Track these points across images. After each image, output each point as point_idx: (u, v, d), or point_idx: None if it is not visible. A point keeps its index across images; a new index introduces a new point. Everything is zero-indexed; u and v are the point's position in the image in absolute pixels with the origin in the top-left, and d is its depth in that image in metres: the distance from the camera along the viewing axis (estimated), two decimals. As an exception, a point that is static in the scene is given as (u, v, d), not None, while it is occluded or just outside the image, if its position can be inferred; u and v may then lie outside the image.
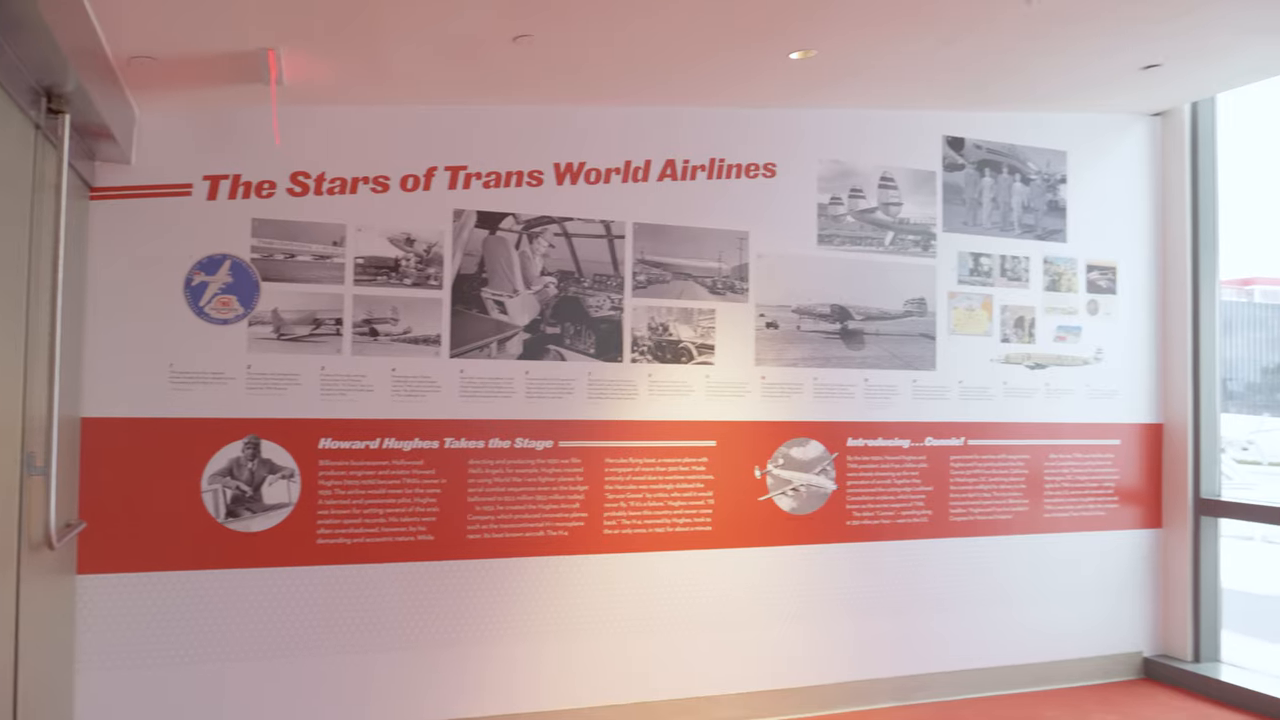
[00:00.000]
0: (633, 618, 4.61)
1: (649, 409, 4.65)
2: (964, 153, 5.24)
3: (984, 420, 5.21)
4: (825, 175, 4.98)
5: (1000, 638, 5.24)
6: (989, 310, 5.24)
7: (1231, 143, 5.67)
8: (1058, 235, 5.40)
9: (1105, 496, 5.46)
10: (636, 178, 4.66)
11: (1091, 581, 5.44)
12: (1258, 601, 11.43)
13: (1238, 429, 25.38)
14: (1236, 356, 27.12)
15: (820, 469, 4.91)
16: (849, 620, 4.97)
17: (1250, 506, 5.36)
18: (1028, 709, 4.99)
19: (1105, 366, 5.48)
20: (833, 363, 4.94)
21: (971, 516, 5.19)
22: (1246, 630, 10.29)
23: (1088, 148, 5.49)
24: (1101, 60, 4.62)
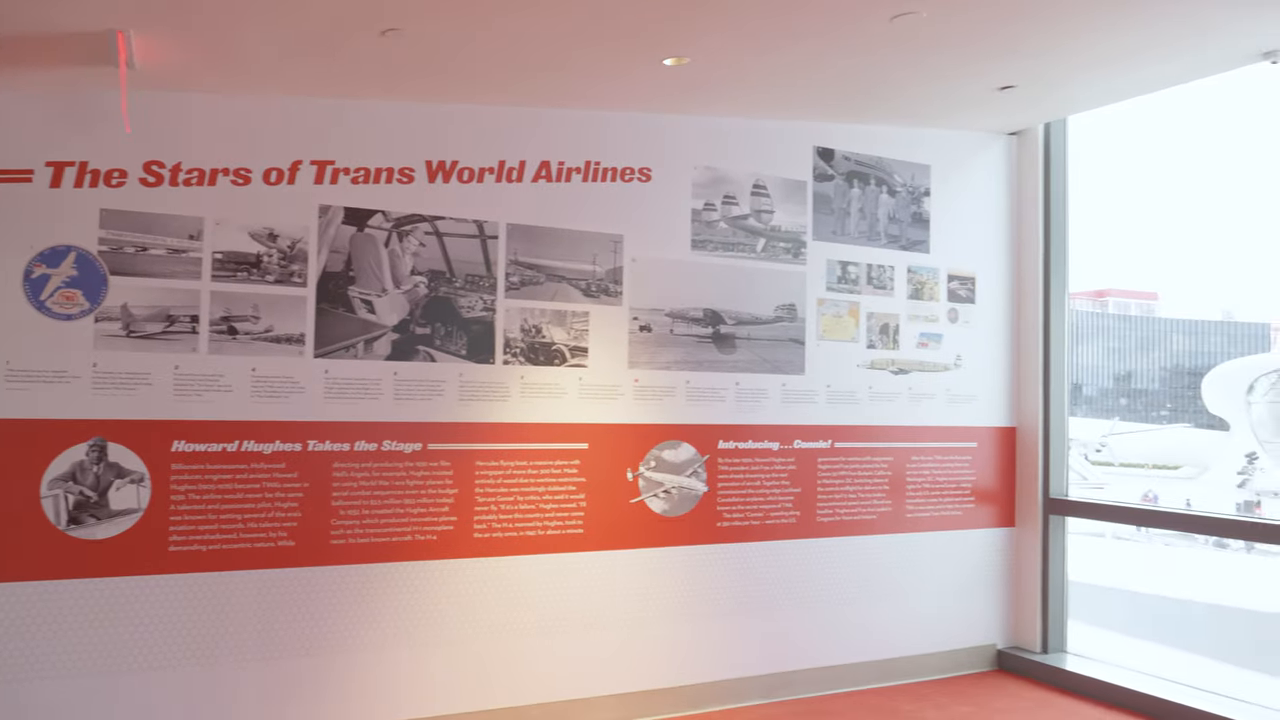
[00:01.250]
0: (503, 622, 4.57)
1: (521, 411, 4.62)
2: (834, 164, 5.39)
3: (850, 424, 5.38)
4: (699, 181, 5.05)
5: (864, 634, 5.41)
6: (856, 317, 5.41)
7: (1086, 163, 6.01)
8: (921, 246, 5.62)
9: (963, 497, 5.70)
10: (510, 178, 4.62)
11: (949, 578, 5.67)
12: (1106, 594, 12.14)
13: (1092, 432, 26.79)
14: (1091, 364, 28.75)
15: (692, 471, 4.97)
16: (719, 620, 5.04)
17: (1094, 505, 5.69)
18: (888, 702, 5.16)
19: (964, 372, 5.72)
20: (705, 366, 5.01)
21: (838, 517, 5.34)
22: (1096, 621, 10.90)
23: (950, 163, 5.73)
24: (961, 80, 4.83)
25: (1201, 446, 23.63)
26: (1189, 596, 11.97)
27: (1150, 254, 22.62)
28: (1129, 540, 15.58)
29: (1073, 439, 22.46)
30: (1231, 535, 5.36)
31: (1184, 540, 14.63)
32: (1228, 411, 22.37)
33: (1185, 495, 19.43)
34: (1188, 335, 27.55)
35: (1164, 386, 26.56)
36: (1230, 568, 13.78)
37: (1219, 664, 9.64)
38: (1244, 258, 21.37)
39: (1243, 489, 20.61)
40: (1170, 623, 10.99)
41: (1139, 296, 28.36)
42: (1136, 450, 24.31)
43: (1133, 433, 24.48)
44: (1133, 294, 28.34)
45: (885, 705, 5.12)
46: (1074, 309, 22.74)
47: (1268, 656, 9.60)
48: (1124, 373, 27.71)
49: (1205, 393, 23.18)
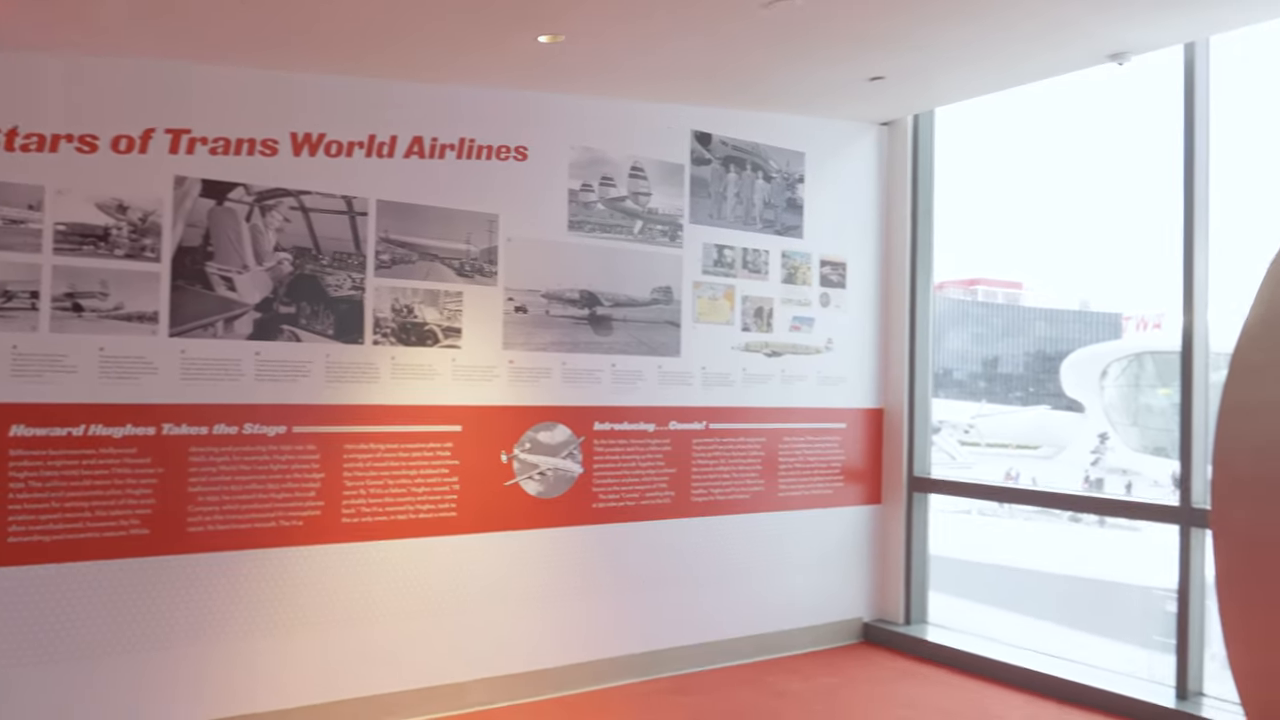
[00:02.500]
0: (373, 608, 4.47)
1: (392, 393, 4.51)
2: (711, 148, 5.44)
3: (725, 405, 5.46)
4: (577, 162, 5.02)
5: (736, 611, 5.53)
6: (731, 300, 5.49)
7: (956, 155, 6.23)
8: (795, 231, 5.73)
9: (832, 476, 5.88)
10: (381, 153, 4.49)
11: (819, 555, 5.84)
12: (971, 568, 12.72)
13: (961, 414, 27.95)
14: (962, 349, 29.91)
15: (567, 453, 4.97)
16: (594, 600, 5.06)
17: (954, 483, 5.95)
18: (759, 675, 5.29)
19: (835, 355, 5.88)
20: (581, 348, 5.00)
21: (712, 497, 5.43)
22: (961, 593, 11.42)
23: (824, 151, 5.86)
24: (833, 70, 4.93)
25: (1059, 427, 24.97)
26: (1045, 568, 12.64)
27: (1016, 246, 23.68)
28: (993, 516, 16.35)
29: (943, 420, 23.55)
30: (1074, 509, 5.69)
31: (1043, 515, 15.37)
32: (1083, 394, 23.70)
33: (1034, 473, 20.52)
34: (1049, 323, 29.03)
35: (1027, 371, 27.93)
36: (1083, 541, 14.54)
37: (1069, 630, 10.25)
38: (1098, 252, 22.66)
39: (1095, 467, 21.89)
40: (1028, 593, 11.61)
41: (1005, 286, 29.69)
42: (1001, 431, 25.51)
43: (998, 414, 25.68)
44: (1000, 283, 29.64)
45: (756, 679, 5.24)
46: (946, 297, 23.58)
47: (1112, 621, 10.27)
48: (991, 357, 29.02)
49: (1063, 377, 24.50)
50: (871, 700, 4.96)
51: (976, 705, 4.89)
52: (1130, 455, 19.21)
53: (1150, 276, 4.83)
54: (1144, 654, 6.43)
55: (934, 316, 6.07)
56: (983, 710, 4.82)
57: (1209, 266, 4.72)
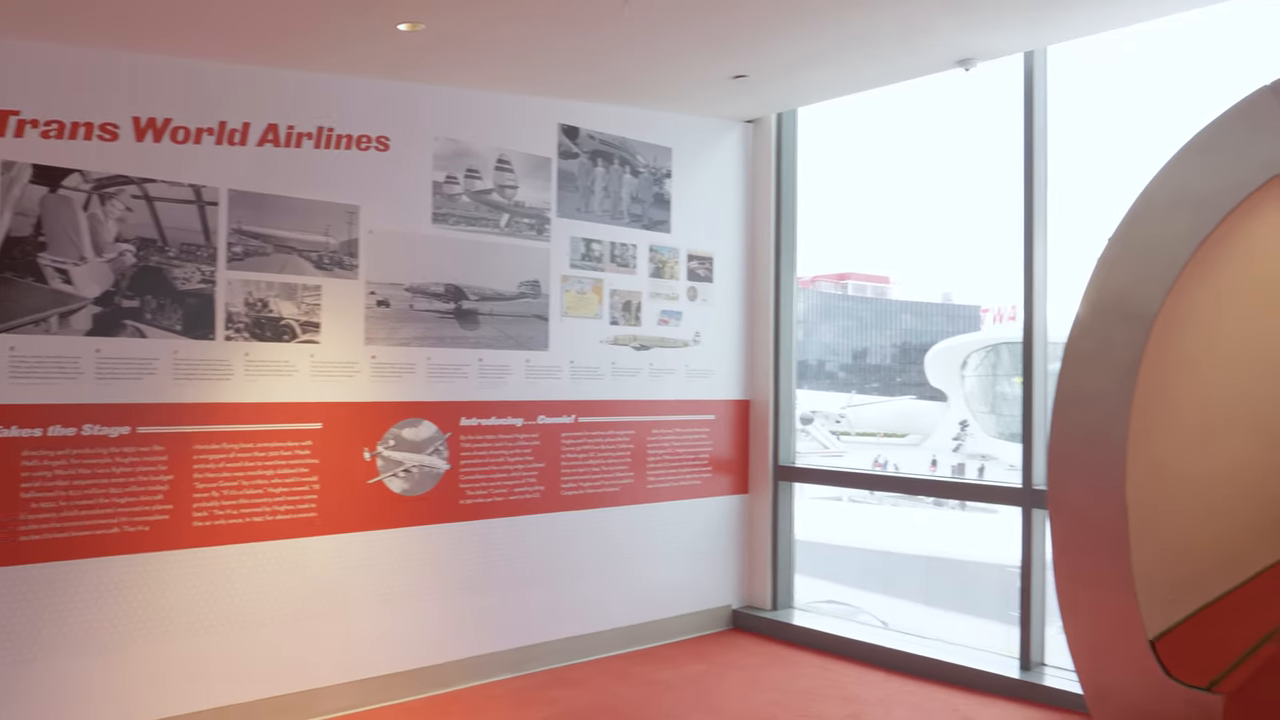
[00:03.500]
0: (230, 614, 4.30)
1: (246, 391, 4.35)
2: (578, 142, 5.44)
3: (594, 399, 5.48)
4: (441, 153, 4.94)
5: (608, 603, 5.56)
6: (599, 294, 5.51)
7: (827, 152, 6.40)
8: (663, 226, 5.80)
9: (701, 467, 5.97)
10: (233, 140, 4.32)
11: (689, 545, 5.93)
12: (840, 552, 13.16)
13: (833, 404, 28.71)
14: (833, 341, 30.73)
15: (433, 449, 4.89)
16: (466, 597, 5.00)
17: (817, 471, 6.15)
18: (630, 666, 5.34)
19: (702, 348, 5.98)
20: (447, 342, 4.93)
21: (582, 490, 5.44)
22: (830, 577, 11.80)
23: (691, 146, 5.93)
24: (697, 67, 5.00)
25: (924, 416, 26.10)
26: (912, 551, 13.16)
27: (883, 241, 24.59)
28: (862, 503, 16.96)
29: (816, 411, 24.23)
30: (926, 494, 5.94)
31: (910, 500, 16.02)
32: (946, 384, 24.82)
33: (899, 460, 21.37)
34: (914, 315, 30.28)
35: (894, 362, 29.08)
36: (947, 523, 15.21)
37: (934, 609, 10.72)
38: (958, 247, 23.76)
39: (957, 453, 22.96)
40: (895, 575, 12.09)
41: (874, 280, 30.82)
42: (871, 420, 26.49)
43: (868, 404, 26.65)
44: (869, 277, 30.74)
45: (629, 669, 5.29)
46: (818, 291, 24.29)
47: (973, 599, 10.80)
48: (861, 349, 30.09)
49: (927, 367, 25.61)
50: (739, 685, 5.07)
51: (837, 685, 5.06)
52: (988, 441, 20.18)
53: (1005, 271, 5.10)
54: (1002, 628, 6.80)
55: (797, 310, 6.23)
56: (843, 690, 4.99)
57: (1047, 262, 5.01)
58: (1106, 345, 4.00)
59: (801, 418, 27.54)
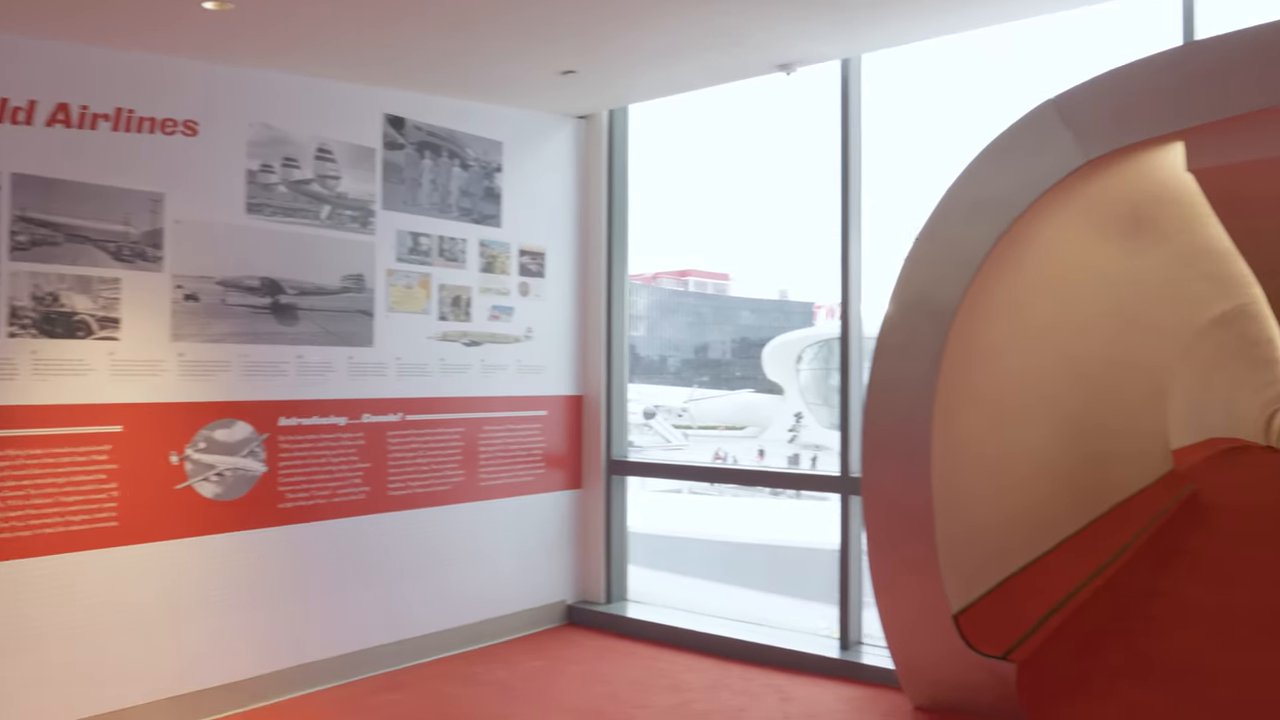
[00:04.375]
0: (20, 633, 3.96)
1: (33, 392, 4.01)
2: (405, 132, 5.30)
3: (422, 396, 5.36)
4: (256, 140, 4.70)
5: (441, 603, 5.45)
6: (427, 289, 5.39)
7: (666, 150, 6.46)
8: (493, 220, 5.73)
9: (534, 463, 5.95)
10: (16, 119, 3.97)
11: (523, 542, 5.89)
12: (679, 544, 13.38)
13: (675, 399, 29.18)
14: (675, 337, 31.30)
15: (248, 451, 4.66)
16: (288, 604, 4.79)
17: (648, 464, 6.24)
18: (464, 667, 5.26)
19: (534, 344, 5.95)
20: (263, 339, 4.71)
21: (410, 490, 5.31)
22: (671, 569, 11.98)
23: (522, 141, 5.89)
24: (525, 61, 4.97)
25: (762, 409, 26.95)
26: (749, 539, 13.51)
27: (723, 238, 25.23)
28: (703, 494, 17.33)
29: (659, 405, 24.52)
30: (752, 484, 6.12)
31: (749, 490, 16.42)
32: (782, 377, 25.73)
33: (737, 452, 21.99)
34: (753, 311, 31.23)
35: (734, 357, 29.91)
36: (784, 511, 15.70)
37: (770, 595, 11.04)
38: (794, 246, 24.67)
39: (792, 444, 23.82)
40: (733, 563, 12.40)
41: (715, 277, 31.59)
42: (712, 414, 27.14)
43: (708, 398, 27.30)
44: (710, 274, 31.48)
45: (462, 670, 5.21)
46: (660, 287, 24.57)
47: (806, 584, 11.21)
48: (702, 345, 30.81)
49: (765, 362, 26.48)
50: (572, 680, 5.08)
51: (668, 675, 5.15)
52: (822, 432, 21.03)
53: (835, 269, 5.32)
54: (834, 611, 7.08)
55: (638, 306, 6.30)
56: (673, 679, 5.08)
57: (862, 260, 5.25)
58: (913, 338, 4.23)
59: (644, 412, 28.06)
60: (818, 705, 4.68)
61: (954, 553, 4.28)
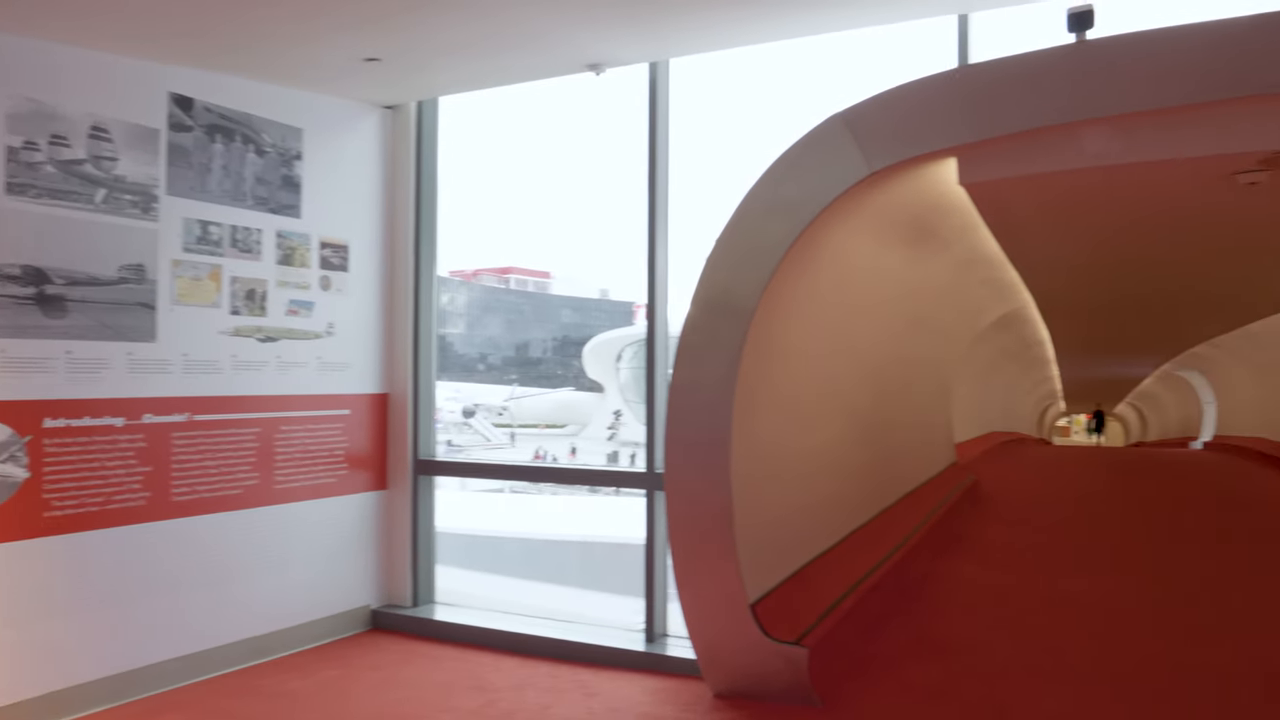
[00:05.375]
0: None
1: None
2: (193, 114, 4.98)
3: (211, 395, 5.04)
4: (18, 114, 4.29)
5: (231, 614, 5.16)
6: (218, 281, 5.09)
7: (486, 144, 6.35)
8: (292, 210, 5.47)
9: (336, 464, 5.72)
10: None
11: (322, 546, 5.66)
12: (499, 543, 13.27)
13: (495, 397, 28.94)
14: (496, 334, 31.06)
15: (8, 455, 4.24)
16: (48, 623, 4.39)
17: (456, 464, 6.14)
18: (255, 680, 5.00)
19: (337, 340, 5.73)
20: (26, 332, 4.29)
21: (197, 495, 4.99)
22: (486, 568, 11.85)
23: (324, 128, 5.65)
24: (326, 44, 4.77)
25: (583, 407, 27.15)
26: (569, 537, 13.53)
27: (545, 236, 25.28)
28: (524, 493, 17.26)
29: (478, 404, 24.19)
30: (560, 482, 6.14)
31: (569, 489, 16.44)
32: (602, 376, 26.01)
33: (557, 450, 22.06)
34: (574, 310, 31.40)
35: (555, 355, 29.96)
36: (603, 508, 15.79)
37: (587, 591, 11.12)
38: (613, 245, 25.02)
39: (611, 441, 24.10)
40: (551, 561, 12.40)
41: (536, 275, 31.54)
42: (533, 412, 27.10)
43: (529, 396, 27.24)
44: (531, 272, 31.39)
45: (253, 683, 4.95)
46: (481, 284, 24.27)
47: (623, 579, 11.35)
48: (523, 342, 30.69)
49: (585, 360, 26.69)
50: (373, 687, 4.93)
51: (474, 676, 5.08)
52: (641, 429, 21.34)
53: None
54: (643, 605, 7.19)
55: (458, 303, 6.18)
56: (479, 679, 5.02)
57: (669, 261, 5.36)
58: (713, 338, 4.36)
59: (464, 411, 27.68)
60: (621, 698, 4.74)
61: (752, 544, 4.45)
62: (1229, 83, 3.51)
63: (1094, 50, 3.84)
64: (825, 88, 5.63)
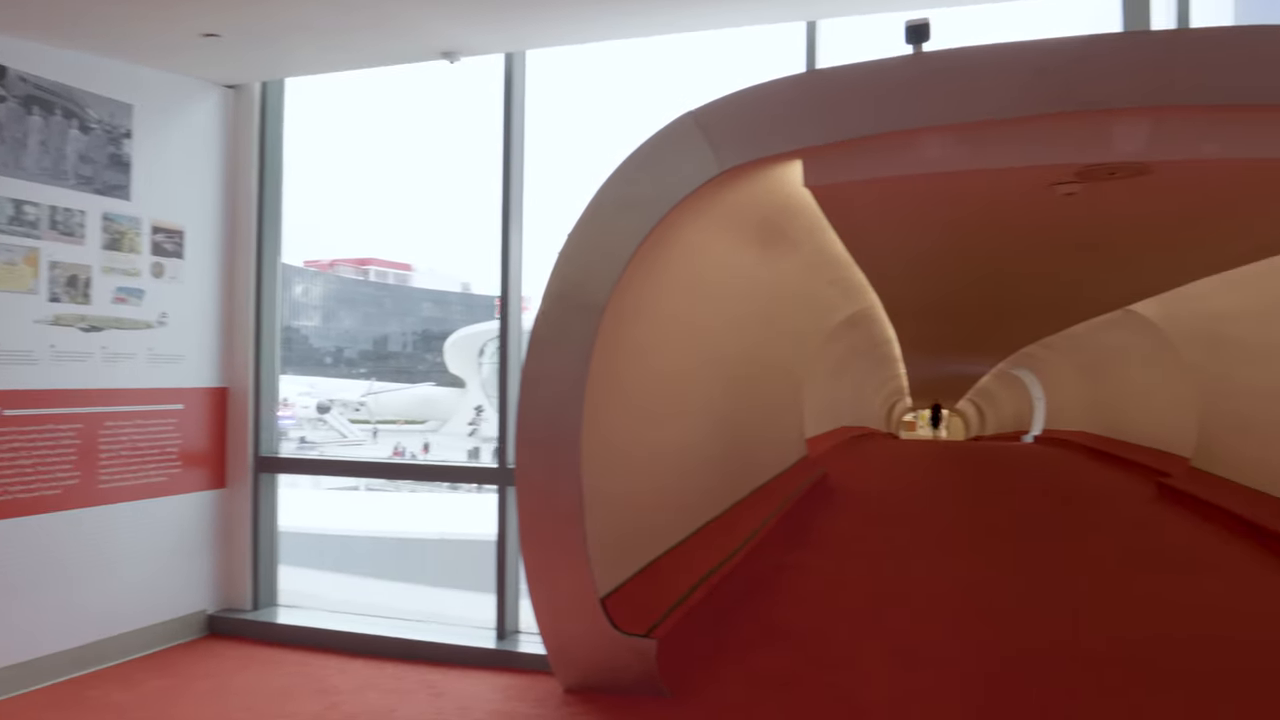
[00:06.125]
0: None
1: None
2: (6, 83, 4.60)
3: (25, 388, 4.68)
4: None
5: (48, 623, 4.80)
6: (34, 265, 4.72)
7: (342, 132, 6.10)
8: (120, 191, 5.13)
9: (168, 462, 5.41)
10: None
11: (154, 548, 5.34)
12: (351, 542, 12.90)
13: (352, 392, 28.16)
14: (354, 328, 30.27)
15: None
16: None
17: (301, 461, 5.91)
18: (76, 693, 4.67)
19: (170, 331, 5.41)
20: None
21: (10, 495, 4.62)
22: (338, 568, 11.50)
23: (158, 105, 5.32)
24: (160, 16, 4.50)
25: (444, 402, 26.72)
26: (425, 534, 13.28)
27: (404, 227, 24.74)
28: (380, 491, 16.84)
29: (334, 399, 23.46)
30: (409, 478, 6.01)
31: (429, 486, 16.17)
32: (464, 371, 25.64)
33: (416, 447, 21.64)
34: (436, 303, 30.85)
35: (415, 349, 29.35)
36: (463, 504, 15.57)
37: (442, 589, 10.92)
38: (476, 238, 24.69)
39: (472, 437, 23.79)
40: (406, 560, 12.13)
41: (396, 266, 30.80)
42: (392, 408, 26.49)
43: (388, 392, 26.60)
44: (391, 264, 30.65)
45: (70, 696, 4.63)
46: (339, 276, 23.62)
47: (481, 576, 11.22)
48: (382, 336, 29.94)
49: (446, 355, 26.25)
50: (206, 697, 4.69)
51: (315, 680, 4.90)
52: (502, 425, 21.11)
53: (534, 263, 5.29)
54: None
55: (312, 295, 5.95)
56: (321, 683, 4.85)
57: (523, 255, 5.31)
58: (564, 333, 4.34)
59: (318, 406, 26.78)
60: (471, 697, 4.68)
61: (604, 539, 4.46)
62: (1049, 99, 3.75)
63: (931, 62, 4.02)
64: (681, 86, 5.71)
